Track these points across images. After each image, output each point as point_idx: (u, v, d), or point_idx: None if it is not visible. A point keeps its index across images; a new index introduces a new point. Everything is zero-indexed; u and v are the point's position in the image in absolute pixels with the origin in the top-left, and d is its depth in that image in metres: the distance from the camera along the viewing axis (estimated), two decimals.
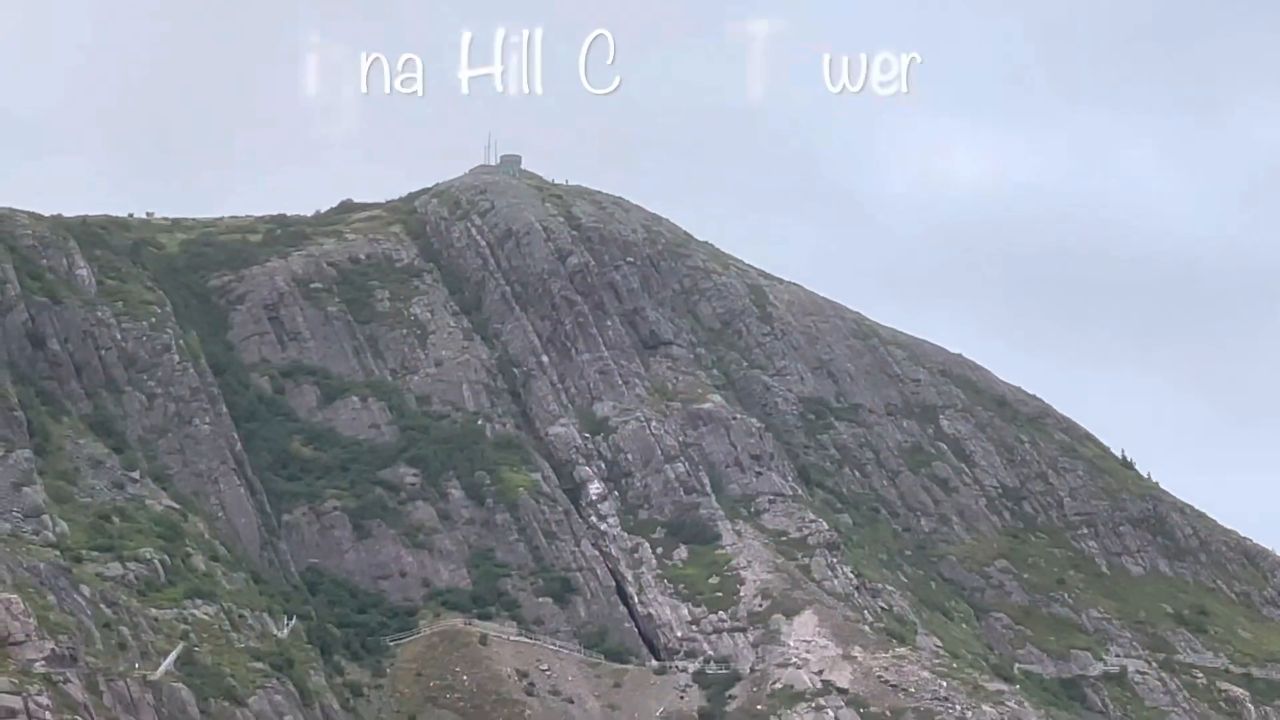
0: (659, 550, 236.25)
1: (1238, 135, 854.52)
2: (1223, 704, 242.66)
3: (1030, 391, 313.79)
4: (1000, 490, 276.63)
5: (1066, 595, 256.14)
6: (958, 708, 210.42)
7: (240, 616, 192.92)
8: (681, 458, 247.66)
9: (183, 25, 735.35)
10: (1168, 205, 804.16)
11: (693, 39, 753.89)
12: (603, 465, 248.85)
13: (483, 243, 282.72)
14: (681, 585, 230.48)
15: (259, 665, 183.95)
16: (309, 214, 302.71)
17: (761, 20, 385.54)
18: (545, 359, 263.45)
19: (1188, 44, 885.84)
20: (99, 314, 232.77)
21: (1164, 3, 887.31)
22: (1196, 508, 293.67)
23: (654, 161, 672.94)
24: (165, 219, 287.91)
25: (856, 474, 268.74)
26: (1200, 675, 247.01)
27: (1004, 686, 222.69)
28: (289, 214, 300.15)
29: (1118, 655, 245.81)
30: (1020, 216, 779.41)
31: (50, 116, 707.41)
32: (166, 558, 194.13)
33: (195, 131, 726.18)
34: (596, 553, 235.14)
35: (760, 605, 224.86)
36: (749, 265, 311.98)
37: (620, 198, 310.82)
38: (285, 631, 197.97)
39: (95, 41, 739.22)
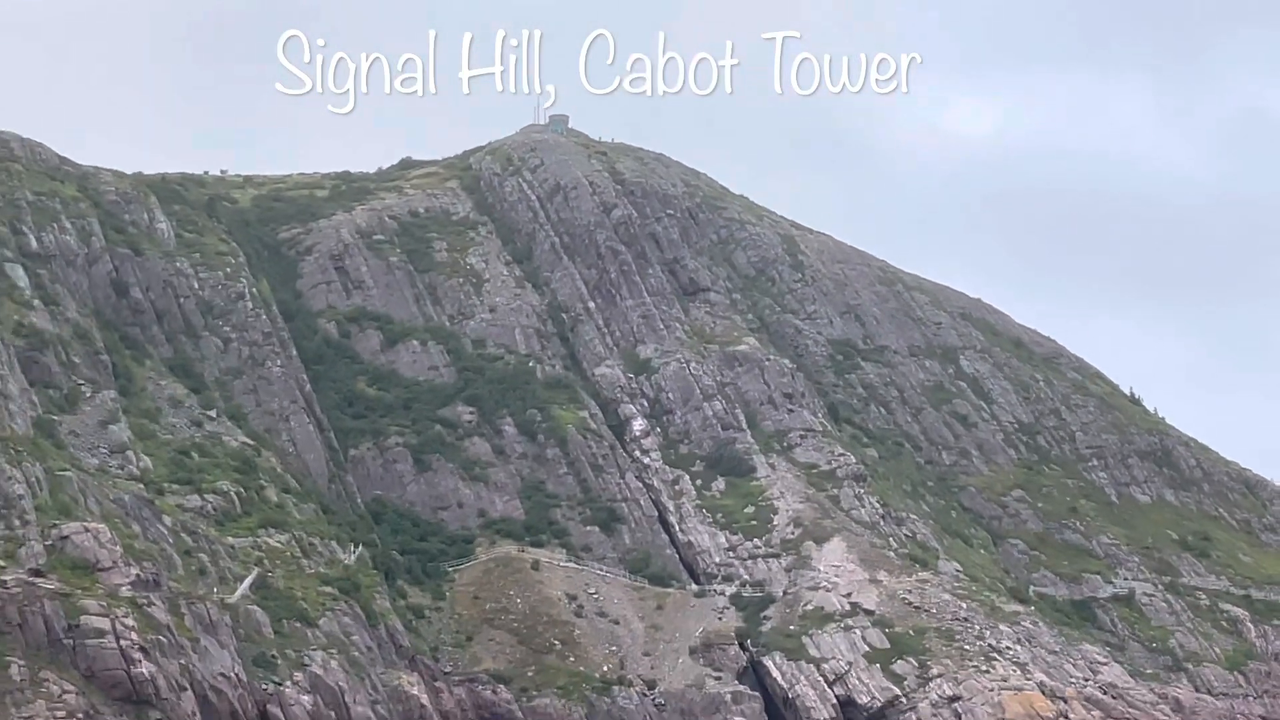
0: (698, 482, 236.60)
1: (1226, 84, 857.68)
2: (1224, 623, 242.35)
3: (1045, 333, 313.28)
4: (1016, 425, 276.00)
5: (1078, 523, 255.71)
6: (977, 627, 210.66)
7: (310, 544, 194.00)
8: (719, 396, 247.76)
9: None
10: (1161, 153, 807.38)
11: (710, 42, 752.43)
12: (645, 403, 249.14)
13: (533, 197, 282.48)
14: (719, 515, 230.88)
15: (328, 589, 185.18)
16: (371, 171, 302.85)
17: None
18: (592, 305, 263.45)
19: None
20: (178, 264, 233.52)
21: None
22: (1200, 441, 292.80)
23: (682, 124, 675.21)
24: (238, 176, 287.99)
25: (882, 411, 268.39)
26: (1203, 597, 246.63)
27: (1020, 608, 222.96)
28: (353, 171, 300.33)
29: (1126, 578, 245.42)
30: (1025, 170, 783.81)
31: (130, 76, 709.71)
32: (242, 490, 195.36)
33: (261, 92, 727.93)
34: (640, 484, 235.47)
35: (792, 533, 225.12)
36: (781, 216, 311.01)
37: (661, 154, 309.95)
38: (352, 558, 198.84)
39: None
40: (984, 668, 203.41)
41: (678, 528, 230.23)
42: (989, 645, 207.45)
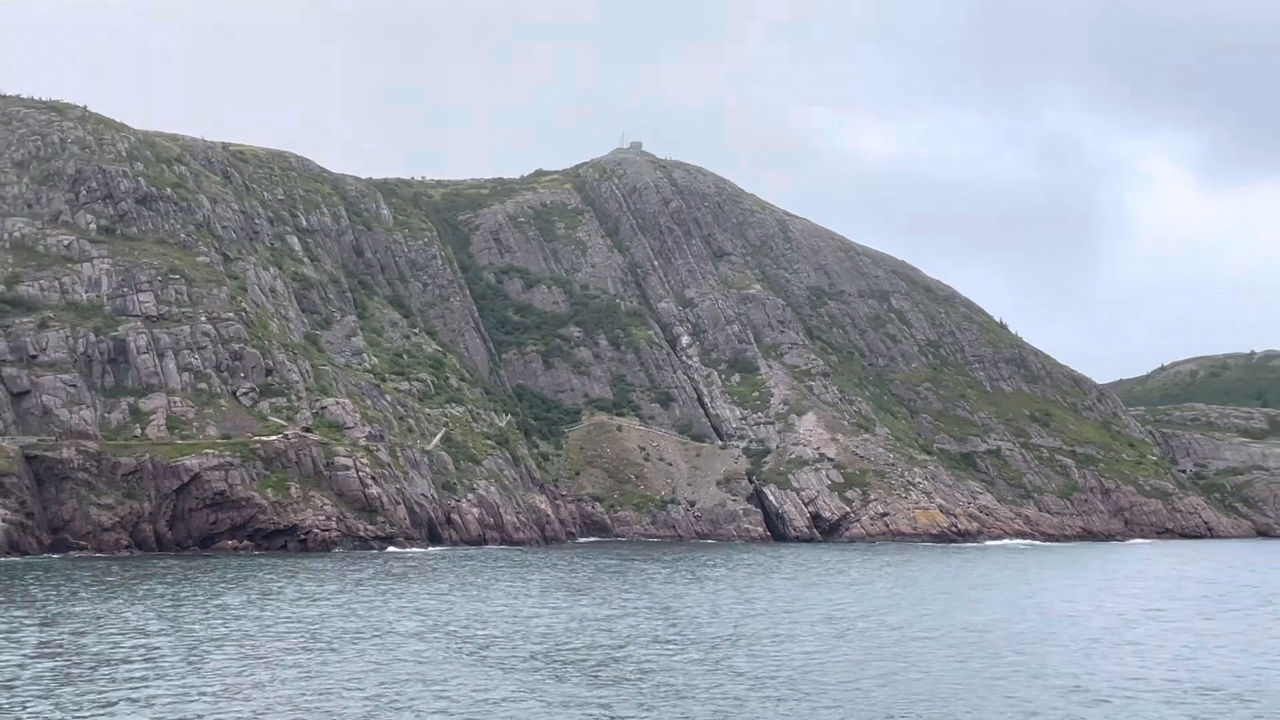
0: (723, 376, 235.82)
1: (1037, 114, 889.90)
2: (1058, 469, 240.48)
3: (946, 282, 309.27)
4: (926, 342, 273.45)
5: (965, 404, 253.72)
6: (899, 469, 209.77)
7: (478, 414, 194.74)
8: (736, 322, 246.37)
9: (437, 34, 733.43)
10: (993, 163, 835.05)
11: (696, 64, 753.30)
12: (690, 326, 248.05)
13: (619, 194, 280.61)
14: (736, 397, 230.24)
15: (489, 442, 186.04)
16: (516, 176, 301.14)
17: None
18: (655, 263, 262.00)
19: (999, 50, 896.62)
20: (394, 236, 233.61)
21: (980, 23, 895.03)
22: (1044, 351, 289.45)
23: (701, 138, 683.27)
24: (432, 179, 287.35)
25: (840, 332, 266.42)
26: (1045, 451, 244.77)
27: (927, 458, 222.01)
28: (504, 177, 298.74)
29: (996, 440, 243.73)
30: (911, 173, 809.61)
31: (364, 108, 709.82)
32: (434, 379, 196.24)
33: (447, 120, 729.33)
34: (686, 378, 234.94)
35: (782, 409, 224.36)
36: (778, 206, 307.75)
37: (700, 166, 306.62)
38: (504, 423, 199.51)
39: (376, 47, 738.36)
40: (903, 495, 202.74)
41: (709, 405, 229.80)
42: (907, 481, 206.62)
